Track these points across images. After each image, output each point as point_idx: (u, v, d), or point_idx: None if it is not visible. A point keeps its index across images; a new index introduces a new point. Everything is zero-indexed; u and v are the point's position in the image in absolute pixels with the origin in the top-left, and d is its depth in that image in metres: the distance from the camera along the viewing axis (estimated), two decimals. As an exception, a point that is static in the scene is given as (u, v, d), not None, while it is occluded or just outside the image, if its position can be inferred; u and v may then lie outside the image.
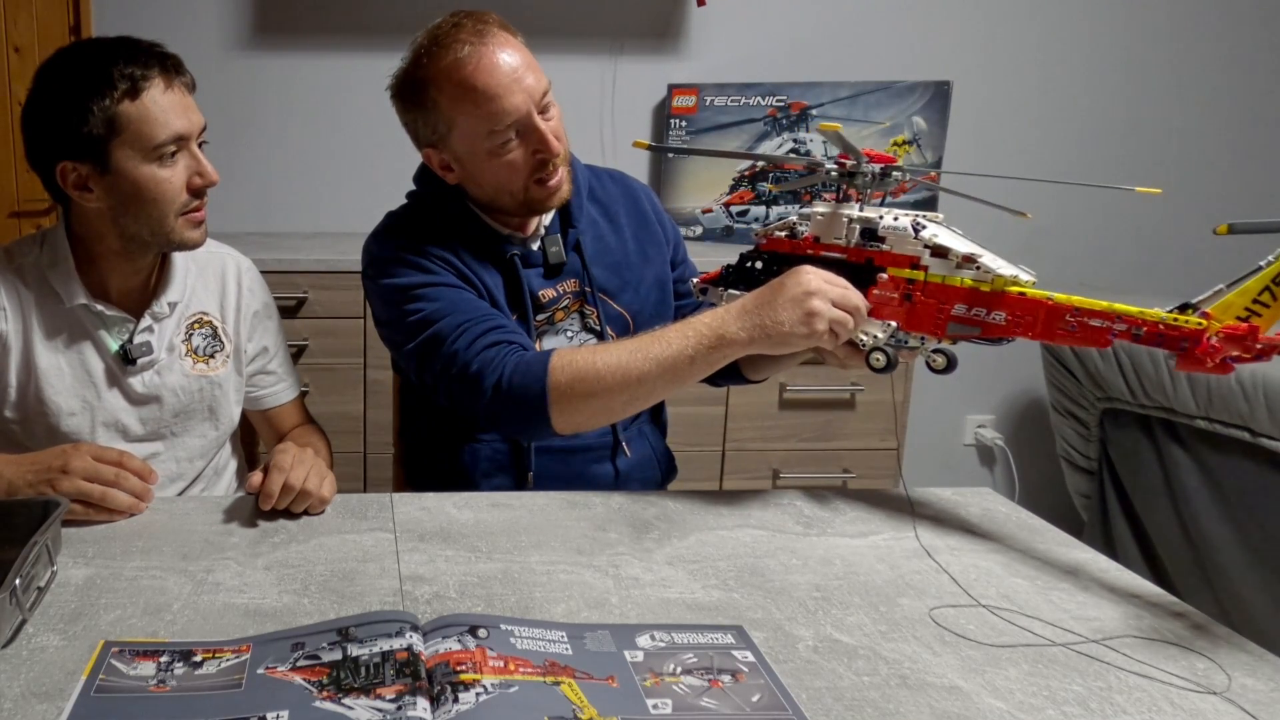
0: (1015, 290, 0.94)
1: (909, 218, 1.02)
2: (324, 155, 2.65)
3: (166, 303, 1.27)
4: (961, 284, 0.97)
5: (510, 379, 1.15)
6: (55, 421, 1.24)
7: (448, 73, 1.20)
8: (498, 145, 1.21)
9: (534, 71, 1.21)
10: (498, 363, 1.16)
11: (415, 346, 1.23)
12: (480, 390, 1.17)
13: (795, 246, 1.11)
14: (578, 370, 1.12)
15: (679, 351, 1.08)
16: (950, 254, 0.97)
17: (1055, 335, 0.91)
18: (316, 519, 1.09)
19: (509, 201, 1.27)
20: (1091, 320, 0.87)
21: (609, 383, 1.10)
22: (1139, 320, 0.85)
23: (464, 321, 1.21)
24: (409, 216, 1.35)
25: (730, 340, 1.06)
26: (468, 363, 1.18)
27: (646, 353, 1.10)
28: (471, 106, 1.20)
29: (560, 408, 1.13)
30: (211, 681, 0.76)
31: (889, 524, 1.09)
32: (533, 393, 1.13)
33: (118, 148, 1.14)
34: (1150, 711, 0.74)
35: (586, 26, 2.61)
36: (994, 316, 0.95)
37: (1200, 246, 2.76)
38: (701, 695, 0.75)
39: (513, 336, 1.20)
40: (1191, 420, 1.94)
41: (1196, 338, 0.81)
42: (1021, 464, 2.84)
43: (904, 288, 1.01)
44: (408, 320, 1.24)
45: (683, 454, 1.50)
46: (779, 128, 2.59)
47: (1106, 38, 2.70)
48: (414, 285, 1.25)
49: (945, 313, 0.98)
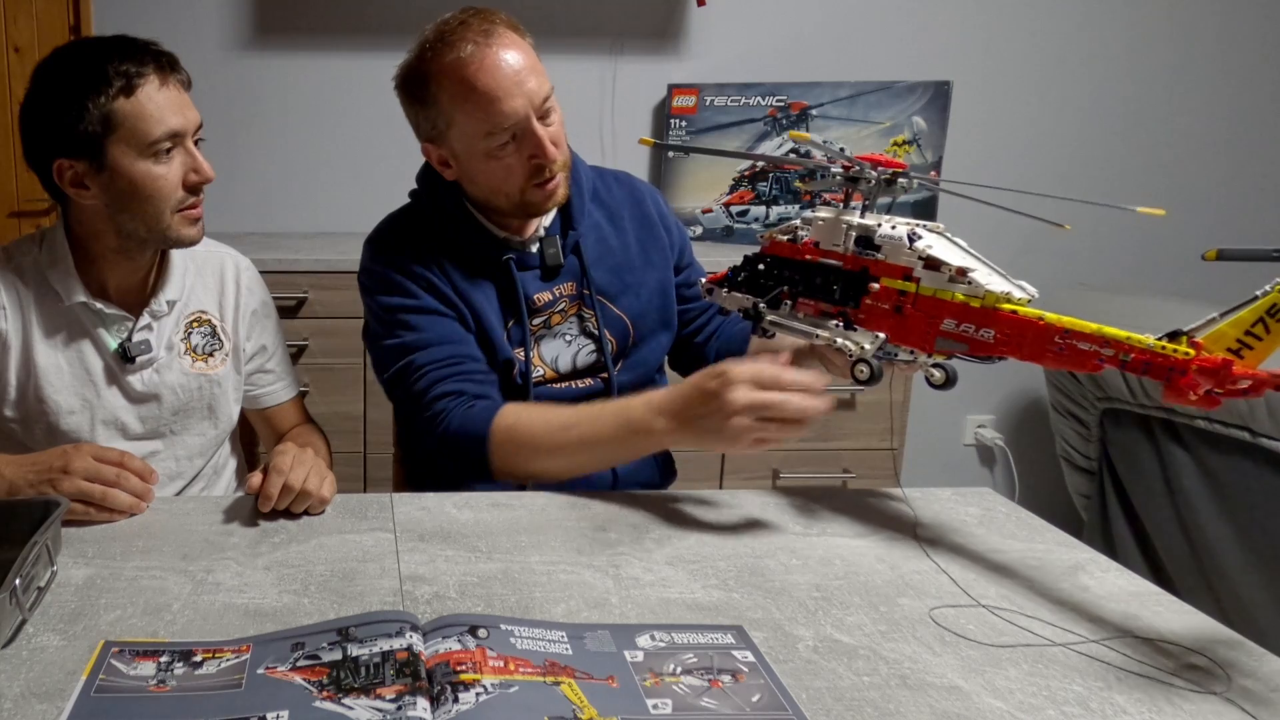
0: (1007, 308, 0.91)
1: (906, 227, 0.99)
2: (324, 155, 2.65)
3: (165, 301, 1.28)
4: (953, 298, 0.94)
5: (456, 432, 1.21)
6: (54, 420, 1.24)
7: (450, 70, 1.20)
8: (495, 148, 1.21)
9: (537, 75, 1.21)
10: (446, 413, 1.22)
11: (389, 376, 1.30)
12: (431, 434, 1.23)
13: (796, 251, 1.10)
14: (516, 435, 1.18)
15: (609, 438, 1.14)
16: (944, 267, 0.94)
17: (1044, 357, 0.88)
18: (316, 519, 1.09)
19: (504, 203, 1.27)
20: (1080, 343, 0.84)
21: (541, 452, 1.18)
22: (1127, 346, 0.81)
23: (431, 362, 1.25)
24: (406, 220, 1.35)
25: (657, 435, 1.11)
26: (425, 405, 1.24)
27: (580, 432, 1.15)
28: (471, 107, 1.20)
29: (498, 462, 1.20)
30: (211, 681, 0.75)
31: (889, 524, 1.09)
32: (473, 449, 1.20)
33: (113, 145, 1.14)
34: (1150, 711, 0.74)
35: (586, 26, 2.61)
36: (983, 334, 0.92)
37: (1199, 246, 2.77)
38: (701, 695, 0.75)
39: (470, 385, 1.25)
40: (1191, 420, 1.94)
41: (1182, 368, 0.77)
42: (1021, 464, 2.84)
43: (895, 299, 0.99)
44: (385, 344, 1.29)
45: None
46: (779, 128, 2.59)
47: (1106, 38, 2.70)
48: (396, 309, 1.28)
49: (934, 327, 0.95)
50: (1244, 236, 2.74)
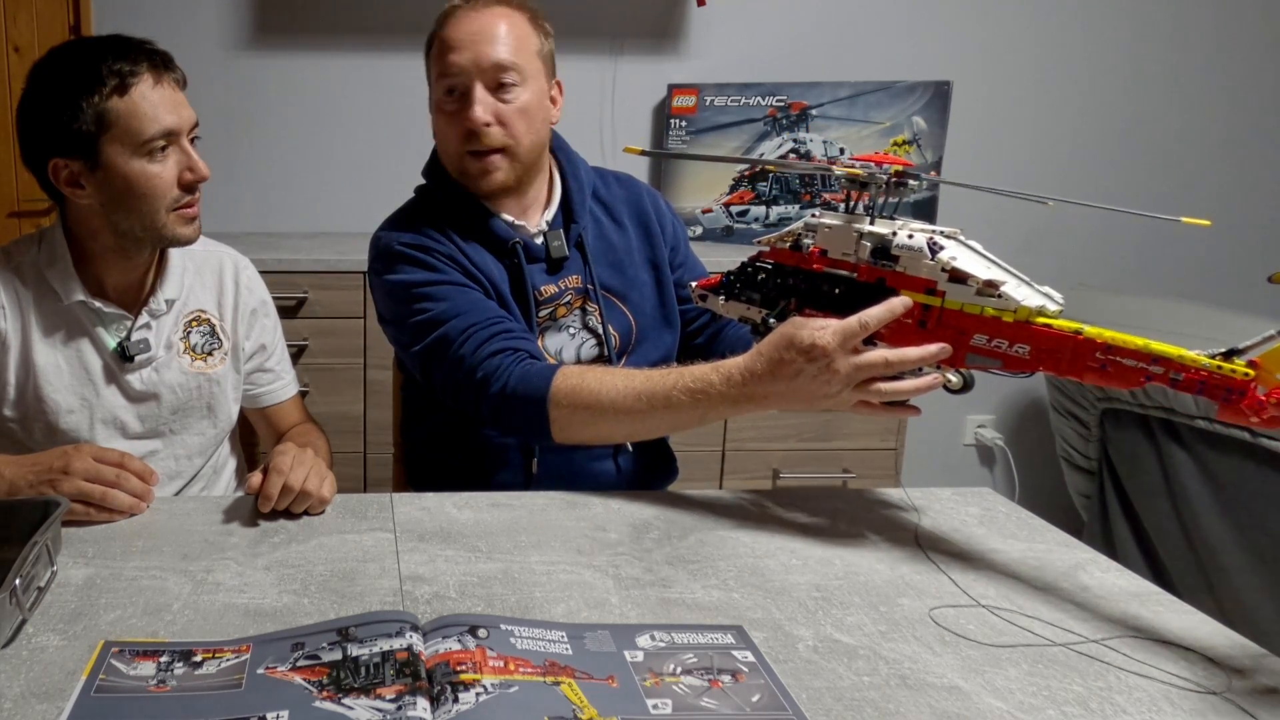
0: (1041, 321, 0.86)
1: (925, 235, 0.94)
2: (324, 155, 2.65)
3: (164, 300, 1.28)
4: (982, 313, 0.89)
5: (514, 389, 1.16)
6: (54, 419, 1.24)
7: (439, 24, 1.27)
8: (439, 98, 1.27)
9: (503, 46, 1.23)
10: (502, 371, 1.17)
11: (422, 349, 1.24)
12: (485, 396, 1.18)
13: (801, 259, 1.04)
14: (579, 397, 1.13)
15: (682, 403, 1.07)
16: (970, 279, 0.89)
17: (1084, 373, 0.84)
18: (316, 519, 1.09)
19: (452, 169, 1.30)
20: (1125, 360, 0.80)
21: (608, 416, 1.12)
22: (1178, 365, 0.77)
23: (470, 325, 1.21)
24: (416, 210, 1.35)
25: (741, 401, 1.04)
26: (474, 368, 1.19)
27: (650, 397, 1.09)
28: (436, 55, 1.27)
29: (559, 425, 1.15)
30: (211, 681, 0.75)
31: (889, 524, 1.09)
32: (534, 406, 1.14)
33: (108, 144, 1.14)
34: (1150, 711, 0.74)
35: (586, 26, 2.61)
36: (1017, 349, 0.87)
37: (1198, 246, 2.77)
38: (701, 695, 0.75)
39: (519, 342, 1.21)
40: (1191, 420, 1.94)
41: (1243, 389, 0.74)
42: (1021, 464, 2.84)
43: (918, 313, 0.93)
44: (414, 320, 1.25)
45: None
46: (779, 128, 2.59)
47: (1106, 38, 2.69)
48: (421, 283, 1.25)
49: (963, 343, 0.91)
50: (1244, 237, 2.74)
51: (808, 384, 0.98)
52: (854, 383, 0.96)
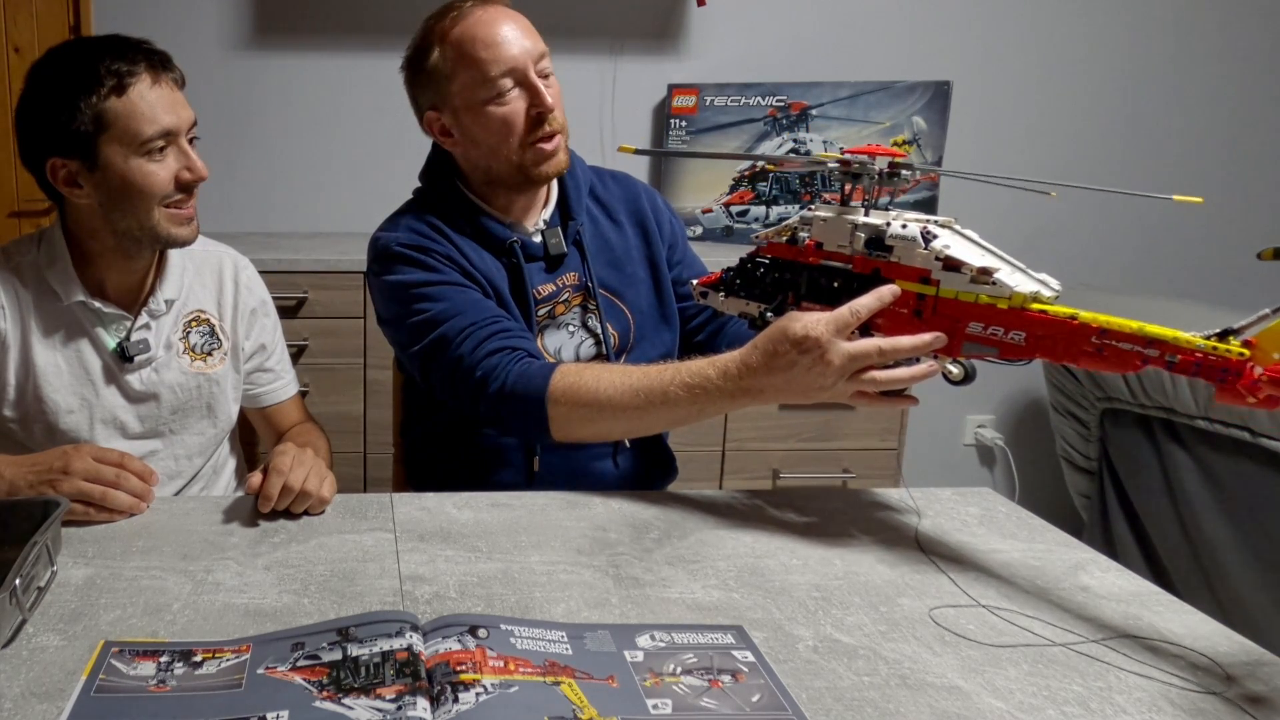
0: (1036, 307, 0.86)
1: (918, 225, 0.94)
2: (324, 155, 2.65)
3: (163, 300, 1.28)
4: (977, 300, 0.89)
5: (513, 388, 1.16)
6: (53, 419, 1.24)
7: (450, 29, 1.25)
8: (494, 95, 1.24)
9: (534, 38, 1.25)
10: (501, 369, 1.18)
11: (421, 349, 1.24)
12: (483, 395, 1.18)
13: (798, 253, 1.05)
14: (577, 395, 1.13)
15: (679, 399, 1.07)
16: (964, 267, 0.90)
17: (1080, 358, 0.84)
18: (316, 519, 1.09)
19: (505, 167, 1.27)
20: (1120, 343, 0.80)
21: (606, 413, 1.12)
22: (1173, 347, 0.77)
23: (469, 325, 1.21)
24: (414, 211, 1.35)
25: (738, 395, 1.04)
26: (472, 367, 1.19)
27: (647, 393, 1.09)
28: (471, 56, 1.23)
29: (558, 423, 1.15)
30: (211, 681, 0.75)
31: (889, 524, 1.09)
32: (532, 404, 1.15)
33: (106, 144, 1.14)
34: (1150, 711, 0.74)
35: (586, 26, 2.61)
36: (1013, 336, 0.88)
37: (1198, 246, 2.77)
38: (701, 695, 0.75)
39: (517, 341, 1.21)
40: (1191, 420, 1.94)
41: (1239, 369, 0.74)
42: (1021, 464, 2.84)
43: (913, 303, 0.94)
44: (413, 320, 1.25)
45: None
46: (779, 128, 2.59)
47: (1106, 37, 2.70)
48: (419, 284, 1.25)
49: (959, 331, 0.91)
50: (1244, 236, 2.74)
51: (803, 375, 0.98)
52: (849, 373, 0.97)
